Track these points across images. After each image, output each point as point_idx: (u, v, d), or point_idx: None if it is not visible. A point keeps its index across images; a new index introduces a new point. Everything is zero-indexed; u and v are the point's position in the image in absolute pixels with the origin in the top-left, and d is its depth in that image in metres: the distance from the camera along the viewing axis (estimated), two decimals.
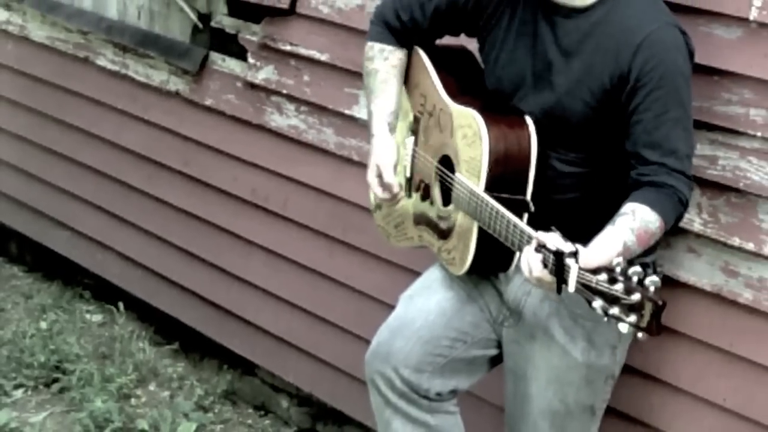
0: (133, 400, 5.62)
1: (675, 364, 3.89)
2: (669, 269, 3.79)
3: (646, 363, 3.91)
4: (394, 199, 3.77)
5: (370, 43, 3.85)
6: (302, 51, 4.99)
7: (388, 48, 3.82)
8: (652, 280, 2.74)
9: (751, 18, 3.52)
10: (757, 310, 3.65)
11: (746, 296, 3.67)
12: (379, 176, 3.73)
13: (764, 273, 3.63)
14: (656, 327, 2.76)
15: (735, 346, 3.73)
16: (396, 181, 3.73)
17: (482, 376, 3.84)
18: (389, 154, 3.74)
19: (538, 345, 3.59)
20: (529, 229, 3.11)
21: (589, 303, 2.83)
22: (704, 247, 3.76)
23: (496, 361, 3.78)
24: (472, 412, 4.02)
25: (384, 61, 3.81)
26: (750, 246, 3.63)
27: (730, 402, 3.76)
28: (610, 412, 3.81)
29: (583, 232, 3.11)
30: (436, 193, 3.72)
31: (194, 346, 5.97)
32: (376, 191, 3.76)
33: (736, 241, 3.66)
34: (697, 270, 3.78)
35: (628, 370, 3.77)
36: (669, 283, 3.76)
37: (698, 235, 3.75)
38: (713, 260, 3.74)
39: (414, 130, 3.86)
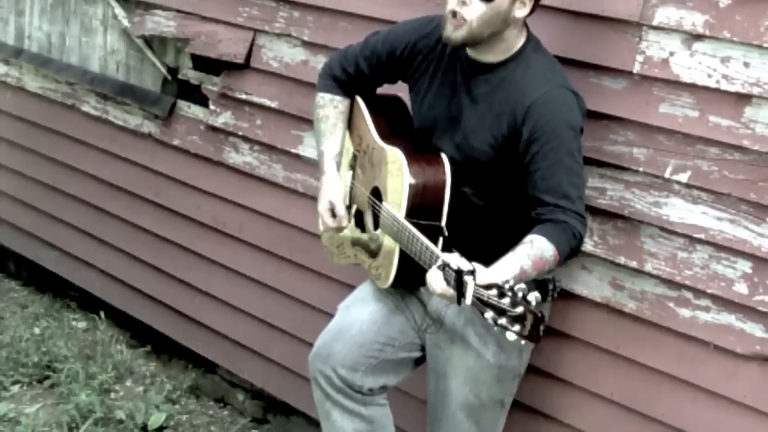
0: (112, 394, 5.52)
1: (571, 364, 3.87)
2: (566, 284, 3.77)
3: (547, 363, 3.88)
4: (341, 228, 3.73)
5: (320, 94, 3.80)
6: (255, 99, 4.95)
7: (337, 98, 3.77)
8: (533, 296, 2.78)
9: (635, 71, 3.53)
10: (640, 318, 3.65)
11: (630, 306, 3.67)
12: (332, 209, 3.68)
13: (646, 286, 3.62)
14: (536, 336, 2.81)
15: (621, 349, 3.72)
16: (345, 213, 3.69)
17: (408, 375, 3.79)
18: (340, 191, 3.71)
19: (456, 348, 3.55)
20: (437, 250, 3.11)
21: (482, 314, 2.84)
22: (595, 265, 3.74)
23: (420, 362, 3.74)
24: (400, 404, 3.97)
25: (334, 108, 3.76)
26: (634, 264, 3.63)
27: (616, 396, 3.75)
28: (517, 405, 3.79)
29: (489, 252, 3.13)
30: (368, 218, 3.68)
31: (164, 348, 5.88)
32: (327, 221, 3.70)
33: (622, 260, 3.65)
34: (589, 284, 3.76)
35: (531, 369, 3.75)
36: (566, 295, 3.77)
37: (590, 255, 3.73)
38: (603, 276, 3.73)
39: (352, 166, 3.81)
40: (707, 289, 3.46)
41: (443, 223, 3.38)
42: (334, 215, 3.70)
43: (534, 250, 3.13)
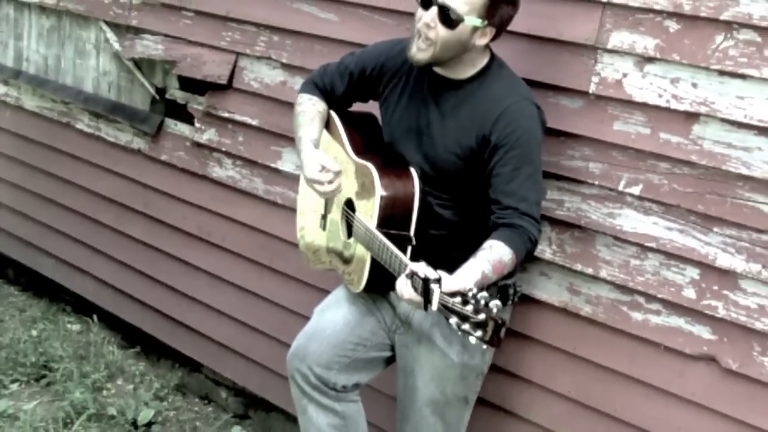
0: (104, 392, 5.47)
1: (530, 364, 3.85)
2: (526, 289, 3.75)
3: (508, 362, 3.86)
4: (338, 190, 3.49)
5: (300, 95, 3.77)
6: (237, 117, 4.91)
7: (315, 98, 3.73)
8: (494, 303, 2.80)
9: (590, 92, 3.53)
10: (595, 321, 3.64)
11: (586, 310, 3.66)
12: (323, 168, 3.44)
13: (600, 292, 3.61)
14: (497, 340, 2.81)
15: (577, 349, 3.71)
16: (339, 169, 3.48)
17: (379, 373, 3.77)
18: (322, 153, 3.51)
19: (423, 348, 3.53)
20: (405, 259, 3.10)
21: (447, 319, 2.84)
22: (554, 272, 3.72)
23: (390, 361, 3.72)
24: (371, 401, 3.93)
25: (312, 106, 3.71)
26: (589, 271, 3.62)
27: (573, 393, 3.74)
28: (481, 401, 3.77)
29: (452, 258, 3.13)
30: (343, 227, 3.65)
31: (153, 349, 5.83)
32: (322, 184, 3.44)
33: (578, 267, 3.65)
34: (548, 289, 3.74)
35: (494, 368, 3.74)
36: (526, 299, 3.75)
37: (549, 262, 3.72)
38: (561, 282, 3.71)
39: None
40: (658, 294, 3.46)
41: (412, 232, 3.37)
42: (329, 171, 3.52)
43: (493, 255, 3.12)
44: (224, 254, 5.10)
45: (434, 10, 3.23)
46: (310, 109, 3.71)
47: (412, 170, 3.43)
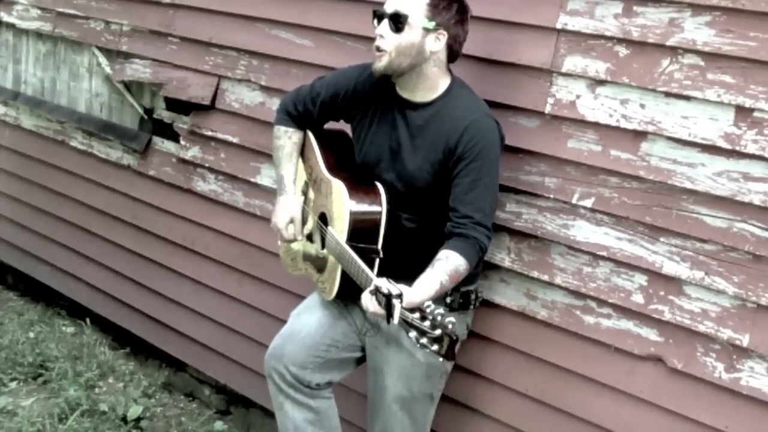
0: (96, 390, 5.41)
1: (491, 364, 3.81)
2: (487, 294, 3.72)
3: (471, 362, 3.83)
4: (294, 241, 3.69)
5: (277, 126, 3.76)
6: (220, 135, 4.88)
7: (291, 130, 3.73)
8: (449, 320, 2.80)
9: (546, 112, 3.52)
10: (551, 324, 3.62)
11: (542, 314, 3.63)
12: (291, 224, 3.65)
13: (555, 297, 3.59)
14: (451, 354, 2.82)
15: (534, 350, 3.68)
16: (301, 228, 3.66)
17: (351, 372, 3.73)
18: (298, 209, 3.66)
19: (391, 349, 3.50)
20: (371, 274, 3.08)
21: (407, 333, 2.84)
22: (512, 278, 3.69)
23: (360, 361, 3.69)
24: (344, 398, 3.89)
25: (288, 139, 3.72)
26: (545, 277, 3.60)
27: (531, 391, 3.71)
28: (445, 399, 3.75)
29: (416, 266, 3.16)
30: (317, 239, 3.62)
31: (141, 349, 5.77)
32: (284, 234, 3.66)
33: (535, 274, 3.62)
34: (507, 295, 3.71)
35: (458, 368, 3.72)
36: (487, 304, 3.73)
37: (508, 270, 3.69)
38: (519, 288, 3.68)
39: (304, 192, 3.75)
40: (608, 299, 3.44)
41: (380, 245, 3.35)
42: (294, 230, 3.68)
43: (450, 266, 3.14)
44: (207, 262, 5.06)
45: (384, 21, 3.28)
46: (287, 143, 3.73)
47: (380, 186, 3.42)
